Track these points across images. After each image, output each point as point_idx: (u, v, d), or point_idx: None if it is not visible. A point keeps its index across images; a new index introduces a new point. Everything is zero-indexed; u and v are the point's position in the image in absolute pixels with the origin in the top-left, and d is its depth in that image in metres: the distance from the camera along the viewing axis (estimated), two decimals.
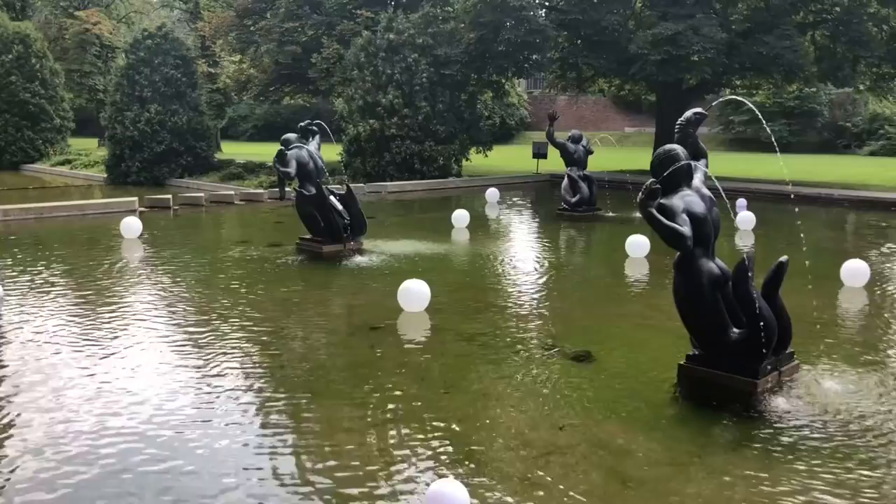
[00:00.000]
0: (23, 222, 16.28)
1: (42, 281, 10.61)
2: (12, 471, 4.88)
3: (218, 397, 6.17)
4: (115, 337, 7.91)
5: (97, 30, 46.11)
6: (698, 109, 6.75)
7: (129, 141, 28.92)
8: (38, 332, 8.02)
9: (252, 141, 53.13)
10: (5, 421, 5.69)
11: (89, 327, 8.26)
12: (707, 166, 6.54)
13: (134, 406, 5.95)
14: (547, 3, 28.00)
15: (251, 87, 34.80)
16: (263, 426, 5.65)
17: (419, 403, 6.06)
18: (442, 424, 5.61)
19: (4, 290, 9.39)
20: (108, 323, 8.44)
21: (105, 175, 30.60)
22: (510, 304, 9.58)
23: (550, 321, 8.81)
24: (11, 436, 5.42)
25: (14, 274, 10.97)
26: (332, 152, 22.27)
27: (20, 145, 37.64)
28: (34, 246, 13.97)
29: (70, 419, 5.69)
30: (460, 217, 15.46)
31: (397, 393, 6.27)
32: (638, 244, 12.07)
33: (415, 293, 8.73)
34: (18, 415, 5.81)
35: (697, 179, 6.18)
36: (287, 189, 13.06)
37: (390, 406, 5.98)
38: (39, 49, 38.75)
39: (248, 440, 5.41)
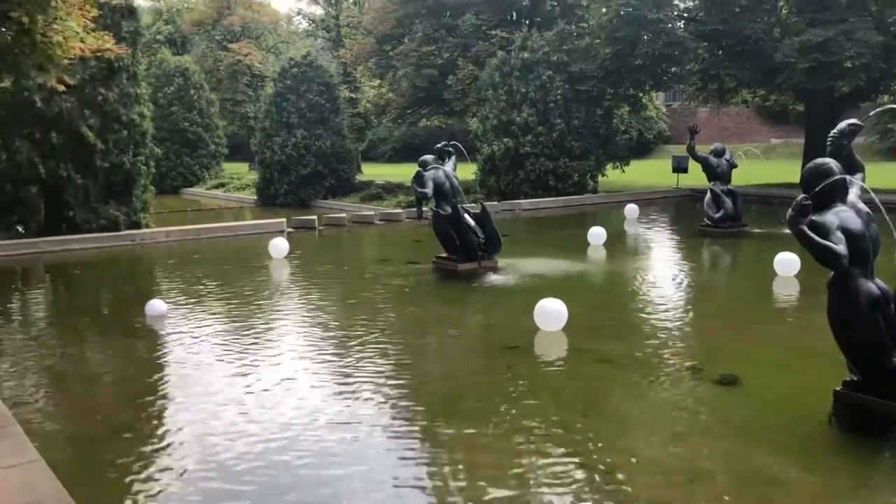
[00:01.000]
0: (182, 242, 17.47)
1: (199, 297, 11.34)
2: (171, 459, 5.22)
3: (355, 410, 6.35)
4: (264, 348, 8.33)
5: (248, 60, 48.98)
6: (853, 121, 6.33)
7: (278, 165, 30.47)
8: (195, 341, 8.58)
9: (391, 162, 54.60)
10: (165, 419, 6.09)
11: (241, 339, 8.74)
12: (864, 180, 6.12)
13: (276, 413, 6.22)
14: (686, 15, 27.24)
15: (390, 110, 35.83)
16: (399, 442, 5.75)
17: (556, 425, 5.99)
18: (580, 448, 5.51)
19: (168, 304, 10.12)
20: (258, 336, 8.90)
21: (255, 197, 32.33)
22: (651, 325, 9.29)
23: (694, 343, 8.50)
24: (170, 430, 5.81)
25: (176, 289, 11.79)
26: (467, 171, 22.56)
27: (180, 171, 40.49)
28: (192, 264, 14.97)
29: (220, 421, 6.03)
30: (596, 234, 15.22)
31: (534, 414, 6.23)
32: (787, 262, 11.45)
33: (552, 312, 8.66)
34: (177, 413, 6.22)
35: (853, 194, 5.79)
36: (424, 209, 13.33)
37: (527, 427, 5.94)
38: (197, 81, 41.65)
39: (385, 455, 5.52)
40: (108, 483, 5.12)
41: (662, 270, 13.38)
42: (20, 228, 17.15)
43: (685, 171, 25.62)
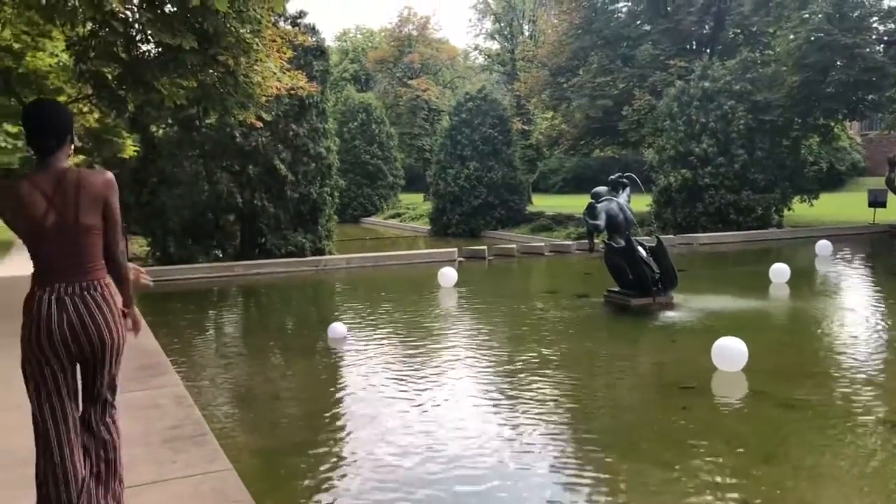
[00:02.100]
0: (362, 269, 18.29)
1: (376, 321, 11.81)
2: (344, 475, 5.45)
3: (522, 439, 6.33)
4: (434, 374, 8.52)
5: (426, 96, 50.77)
6: None
7: (450, 195, 31.27)
8: (371, 364, 8.93)
9: (561, 193, 54.43)
10: (343, 436, 6.37)
11: (413, 363, 8.99)
12: None
13: (444, 437, 6.33)
14: (886, 38, 25.30)
15: (562, 141, 35.82)
16: (567, 480, 5.66)
17: (734, 472, 5.67)
18: (759, 500, 5.19)
19: (349, 328, 10.63)
20: (429, 361, 9.12)
21: (429, 227, 33.30)
22: (839, 369, 8.60)
23: (888, 392, 7.78)
24: (347, 447, 6.06)
25: (355, 313, 12.36)
26: (641, 203, 22.06)
27: (360, 201, 42.58)
28: (370, 290, 15.63)
29: (390, 441, 6.22)
30: (780, 271, 14.35)
31: (709, 459, 5.93)
32: None
33: (731, 351, 8.25)
34: (354, 431, 6.48)
35: None
36: (596, 241, 13.16)
37: (701, 472, 5.67)
38: (378, 116, 43.78)
39: (550, 486, 5.46)
40: (291, 495, 5.41)
41: (853, 312, 12.36)
42: (218, 253, 18.67)
43: (883, 205, 23.69)
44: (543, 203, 40.31)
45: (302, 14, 19.31)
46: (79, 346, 3.12)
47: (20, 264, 16.62)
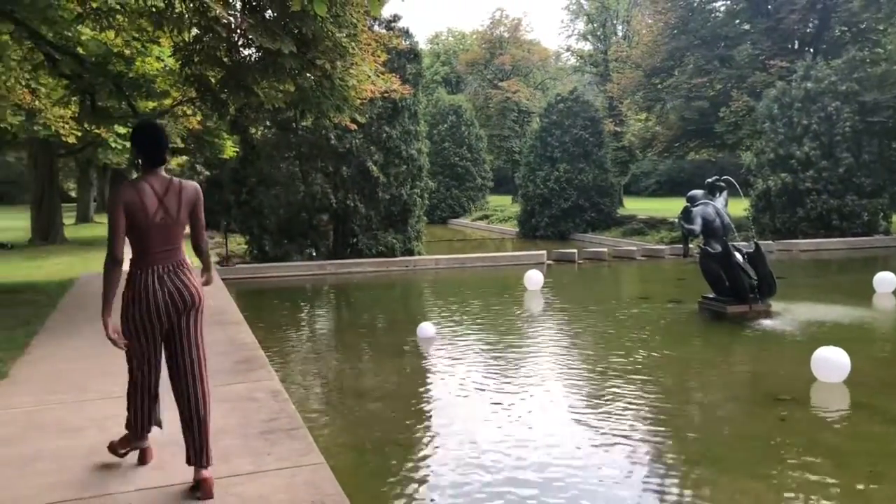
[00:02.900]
0: (450, 270, 18.41)
1: (463, 322, 11.86)
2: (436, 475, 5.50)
3: (609, 445, 6.24)
4: (519, 377, 8.49)
5: (516, 97, 50.66)
6: None
7: (539, 198, 31.09)
8: (458, 365, 8.98)
9: (654, 196, 53.37)
10: (430, 435, 6.43)
11: (498, 365, 8.99)
12: None
13: (529, 440, 6.29)
14: None
15: (656, 143, 35.11)
16: (658, 492, 5.54)
17: (836, 489, 5.44)
18: None
19: (437, 328, 10.72)
20: (514, 364, 9.09)
21: (517, 229, 33.20)
22: None
23: None
24: (434, 447, 6.12)
25: (443, 314, 12.45)
26: (738, 208, 21.38)
27: (448, 202, 42.83)
28: (458, 291, 15.70)
29: (477, 445, 6.24)
30: (885, 280, 13.65)
31: (809, 475, 5.70)
32: None
33: (832, 363, 7.91)
34: (441, 431, 6.53)
35: None
36: (690, 246, 12.83)
37: (800, 488, 5.46)
38: (468, 118, 43.95)
39: (640, 496, 5.35)
40: (380, 491, 5.50)
41: None
42: (312, 252, 19.14)
43: None
44: (635, 206, 39.59)
45: (396, 18, 19.59)
46: (176, 306, 3.94)
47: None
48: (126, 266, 3.98)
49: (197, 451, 3.96)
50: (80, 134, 18.48)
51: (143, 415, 4.20)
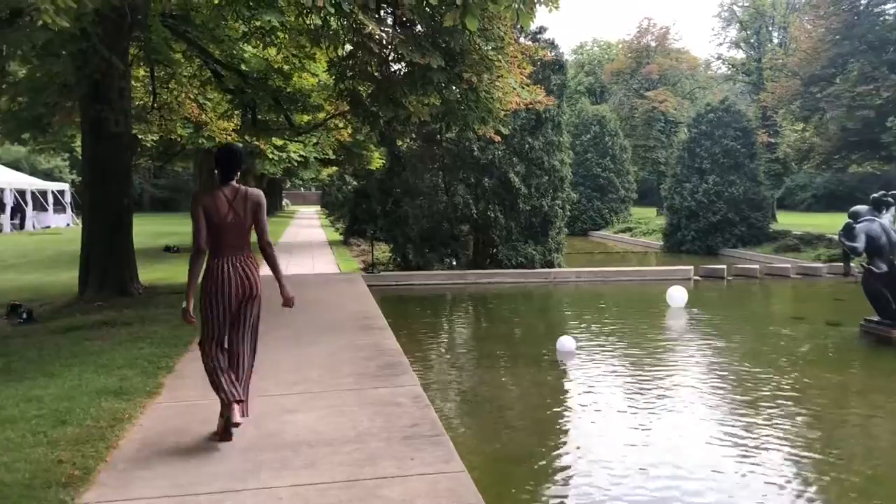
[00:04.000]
0: (591, 283, 18.14)
1: (604, 337, 11.66)
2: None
3: (758, 473, 5.93)
4: (660, 396, 8.24)
5: (663, 107, 49.31)
6: None
7: (686, 211, 30.05)
8: (598, 380, 8.84)
9: (810, 211, 50.42)
10: (569, 449, 6.36)
11: (639, 384, 8.76)
12: None
13: (669, 461, 6.09)
14: None
15: (813, 155, 33.11)
16: None
17: None
18: None
19: (577, 341, 10.61)
20: (655, 382, 8.83)
21: (661, 243, 32.25)
22: None
23: None
24: (572, 461, 6.05)
25: (582, 328, 12.29)
26: None
27: (590, 214, 42.22)
28: (599, 305, 15.46)
29: (615, 461, 6.11)
30: None
31: None
32: None
33: None
34: (579, 445, 6.45)
35: None
36: (852, 265, 12.03)
37: None
38: (612, 128, 43.20)
39: None
40: (519, 501, 5.50)
41: None
42: (453, 261, 19.41)
43: None
44: (789, 221, 37.52)
45: (542, 29, 19.60)
46: (242, 291, 4.83)
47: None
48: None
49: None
50: (240, 145, 19.64)
51: (221, 378, 4.85)
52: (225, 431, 4.87)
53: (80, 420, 5.15)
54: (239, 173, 4.99)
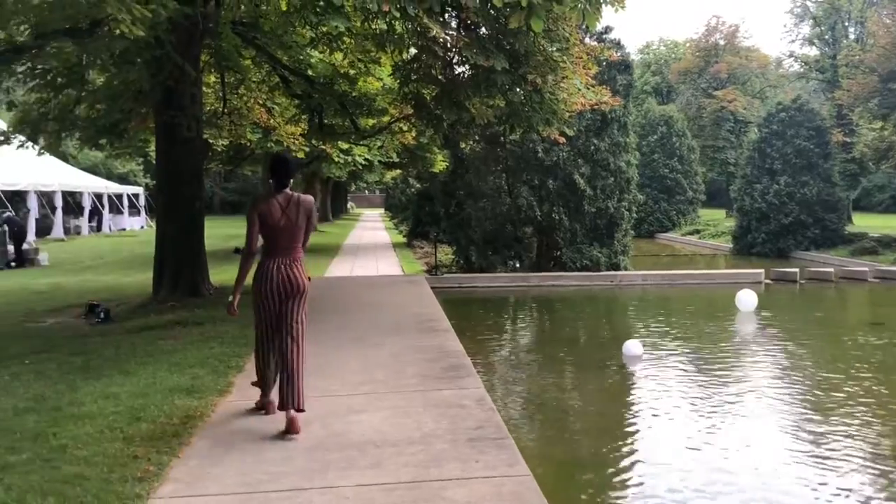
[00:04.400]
0: (658, 287, 17.83)
1: (671, 342, 11.45)
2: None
3: (833, 485, 5.72)
4: (729, 403, 8.04)
5: (732, 107, 48.21)
6: None
7: (757, 212, 29.32)
8: (664, 386, 8.68)
9: (889, 212, 48.55)
10: (634, 455, 6.26)
11: (707, 390, 8.57)
12: None
13: (738, 474, 5.93)
14: None
15: (892, 154, 31.87)
16: None
17: None
18: None
19: (644, 345, 10.44)
20: (724, 389, 8.63)
21: (731, 245, 31.52)
22: None
23: None
24: (637, 467, 5.95)
25: (648, 332, 12.10)
26: None
27: (656, 216, 41.57)
28: (666, 309, 15.19)
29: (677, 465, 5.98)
30: None
31: None
32: None
33: None
34: (644, 451, 6.34)
35: None
36: None
37: None
38: (680, 128, 42.44)
39: None
40: None
41: None
42: (516, 264, 19.34)
43: None
44: (866, 223, 36.19)
45: (608, 29, 19.38)
46: (286, 290, 5.19)
47: (341, 266, 18.61)
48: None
49: (293, 398, 5.05)
50: (308, 149, 19.99)
51: (266, 370, 5.35)
52: (261, 409, 5.46)
53: (154, 417, 5.31)
54: (291, 180, 5.35)
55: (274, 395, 5.39)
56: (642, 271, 19.34)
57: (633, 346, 10.27)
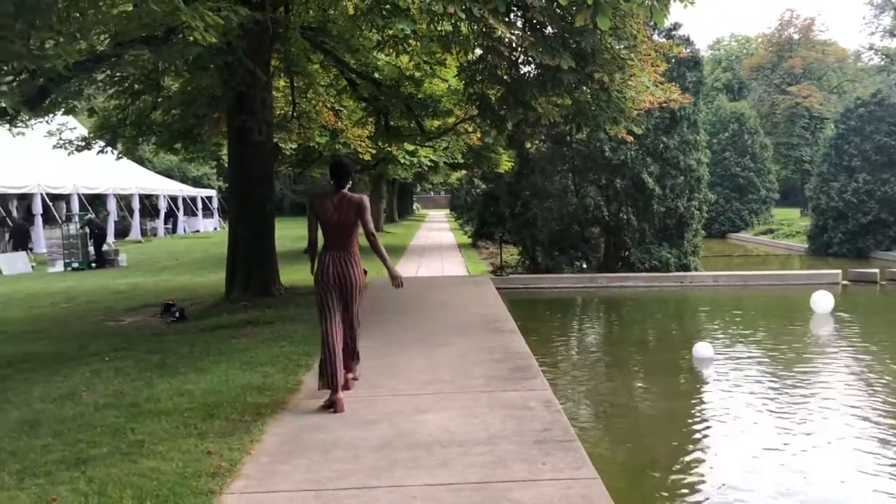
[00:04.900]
0: (730, 288, 17.40)
1: (743, 344, 11.16)
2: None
3: None
4: (802, 409, 7.79)
5: (807, 103, 46.78)
6: None
7: (834, 211, 28.33)
8: (736, 390, 8.46)
9: None
10: (704, 459, 6.13)
11: (781, 395, 8.32)
12: None
13: (815, 483, 5.74)
14: None
15: None
16: None
17: None
18: None
19: (715, 347, 10.21)
20: (796, 398, 8.36)
21: (806, 245, 30.54)
22: None
23: None
24: (708, 471, 5.82)
25: (720, 334, 11.82)
26: None
27: (728, 215, 40.57)
28: (738, 311, 14.81)
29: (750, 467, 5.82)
30: None
31: None
32: None
33: None
34: (717, 455, 6.19)
35: None
36: None
37: None
38: (752, 126, 41.33)
39: None
40: None
41: None
42: (583, 264, 19.14)
43: None
44: None
45: (677, 26, 19.01)
46: (340, 282, 5.75)
47: (406, 267, 18.72)
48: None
49: (350, 367, 5.95)
50: (374, 151, 20.20)
51: (329, 359, 5.65)
52: (330, 406, 5.69)
53: (226, 414, 5.44)
54: (350, 181, 5.90)
55: (341, 392, 5.71)
56: (713, 272, 18.88)
57: (703, 349, 10.05)
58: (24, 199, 27.53)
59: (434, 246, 26.76)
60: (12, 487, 4.23)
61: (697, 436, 7.22)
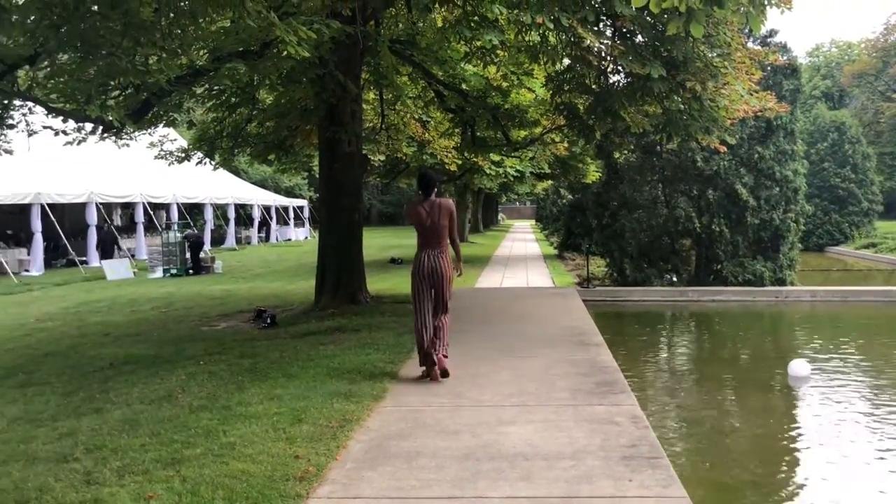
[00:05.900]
0: (828, 303, 16.68)
1: (843, 362, 10.66)
2: None
3: None
4: None
5: None
6: None
7: None
8: (835, 410, 8.08)
9: None
10: (796, 480, 5.87)
11: (879, 419, 7.89)
12: None
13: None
14: None
15: None
16: None
17: None
18: None
19: (812, 365, 9.80)
20: (894, 411, 7.93)
21: None
22: None
23: None
24: (801, 491, 5.57)
25: (818, 351, 11.33)
26: None
27: (826, 228, 38.94)
28: (837, 327, 14.18)
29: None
30: None
31: None
32: None
33: None
34: (810, 476, 5.92)
35: None
36: None
37: None
38: (853, 135, 39.59)
39: None
40: None
41: None
42: (673, 277, 18.69)
43: None
44: None
45: (773, 32, 18.40)
46: (433, 277, 6.70)
47: (491, 277, 18.68)
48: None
49: (441, 345, 6.71)
50: (460, 162, 20.29)
51: (423, 338, 6.72)
52: (427, 376, 6.75)
53: (314, 419, 5.55)
54: (435, 190, 6.79)
55: (436, 368, 6.71)
56: (810, 287, 18.13)
57: (799, 366, 9.65)
58: (127, 207, 28.84)
59: (519, 257, 26.64)
60: (113, 483, 4.42)
61: (791, 456, 6.93)
